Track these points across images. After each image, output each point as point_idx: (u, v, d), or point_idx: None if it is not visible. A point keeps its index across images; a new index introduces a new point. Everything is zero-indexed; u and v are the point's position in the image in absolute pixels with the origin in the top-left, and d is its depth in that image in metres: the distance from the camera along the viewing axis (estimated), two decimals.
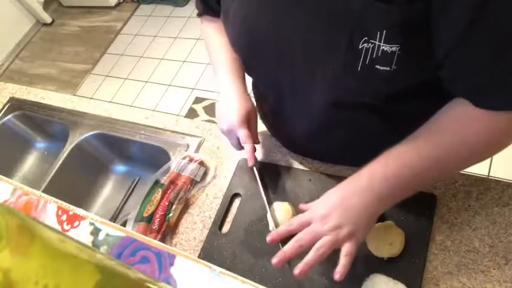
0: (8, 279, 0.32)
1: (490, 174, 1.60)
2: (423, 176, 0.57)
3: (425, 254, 0.67)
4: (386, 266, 0.67)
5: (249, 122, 0.76)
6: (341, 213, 0.56)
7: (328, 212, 0.57)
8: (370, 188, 0.57)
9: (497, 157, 1.64)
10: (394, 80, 0.53)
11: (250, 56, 0.68)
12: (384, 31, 0.48)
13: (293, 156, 0.88)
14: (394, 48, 0.49)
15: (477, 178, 0.73)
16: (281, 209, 0.77)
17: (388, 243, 0.66)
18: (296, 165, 0.86)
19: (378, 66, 0.51)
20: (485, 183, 0.72)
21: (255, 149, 0.77)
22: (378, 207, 0.58)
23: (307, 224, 0.58)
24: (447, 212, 0.71)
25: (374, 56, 0.51)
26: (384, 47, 0.49)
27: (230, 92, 0.77)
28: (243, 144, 0.76)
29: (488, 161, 1.64)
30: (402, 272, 0.66)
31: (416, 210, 0.71)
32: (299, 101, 0.69)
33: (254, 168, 0.81)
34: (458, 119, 0.55)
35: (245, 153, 0.77)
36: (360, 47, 0.51)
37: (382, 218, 0.70)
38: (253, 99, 0.87)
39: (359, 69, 0.52)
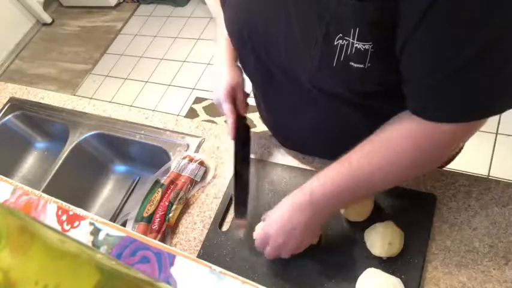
0: (8, 279, 0.32)
1: (490, 174, 1.60)
2: (357, 192, 0.62)
3: (424, 253, 0.67)
4: (386, 266, 0.67)
5: (234, 95, 0.80)
6: (288, 232, 0.66)
7: (278, 231, 0.67)
8: (311, 202, 0.63)
9: (497, 157, 1.64)
10: (368, 77, 0.53)
11: (243, 45, 0.69)
12: (357, 29, 0.48)
13: (293, 156, 0.88)
14: (367, 46, 0.49)
15: (477, 178, 0.73)
16: None
17: (387, 243, 0.66)
18: (296, 164, 0.86)
19: (352, 63, 0.52)
20: (485, 183, 0.72)
21: (236, 123, 0.81)
22: (318, 219, 0.66)
23: (267, 239, 0.69)
24: (447, 212, 0.71)
25: (348, 53, 0.51)
26: (357, 45, 0.50)
27: (221, 65, 0.81)
28: (226, 118, 0.81)
29: (488, 161, 1.64)
30: (401, 272, 0.66)
31: (416, 210, 0.71)
32: (289, 92, 0.70)
33: (234, 142, 0.84)
34: (389, 138, 0.58)
35: (227, 127, 0.81)
36: (335, 43, 0.51)
37: (381, 218, 0.70)
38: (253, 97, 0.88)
39: (334, 64, 0.53)
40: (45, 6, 3.56)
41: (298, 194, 0.65)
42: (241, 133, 0.84)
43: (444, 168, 0.80)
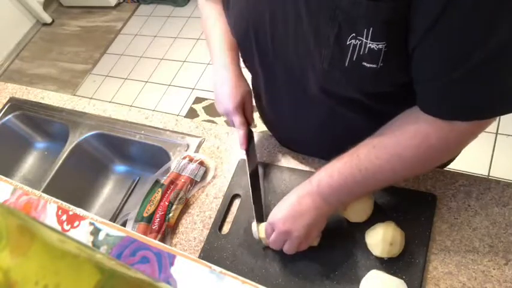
0: (8, 279, 0.32)
1: (490, 174, 1.60)
2: (363, 184, 0.62)
3: (425, 254, 0.67)
4: (387, 266, 0.67)
5: (243, 106, 0.80)
6: (296, 218, 0.66)
7: (285, 216, 0.67)
8: (319, 192, 0.64)
9: (497, 157, 1.64)
10: (380, 77, 0.53)
11: (248, 45, 0.69)
12: (371, 28, 0.48)
13: (293, 156, 0.88)
14: (380, 46, 0.49)
15: (477, 178, 0.73)
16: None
17: (389, 244, 0.66)
18: (296, 165, 0.86)
19: (365, 63, 0.51)
20: (485, 183, 0.72)
21: (247, 134, 0.82)
22: (326, 210, 0.66)
23: (273, 226, 0.69)
24: (447, 212, 0.71)
25: (361, 53, 0.51)
26: (370, 45, 0.49)
27: (225, 73, 0.79)
28: (237, 129, 0.81)
29: (488, 161, 1.64)
30: (402, 272, 0.66)
31: (416, 210, 0.71)
32: (293, 93, 0.70)
33: (245, 152, 0.85)
34: (399, 134, 0.57)
35: (238, 138, 0.82)
36: (348, 43, 0.51)
37: (382, 218, 0.70)
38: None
39: (346, 64, 0.53)
40: (45, 6, 3.56)
41: (306, 184, 0.66)
42: (250, 141, 0.84)
43: (444, 168, 0.80)
